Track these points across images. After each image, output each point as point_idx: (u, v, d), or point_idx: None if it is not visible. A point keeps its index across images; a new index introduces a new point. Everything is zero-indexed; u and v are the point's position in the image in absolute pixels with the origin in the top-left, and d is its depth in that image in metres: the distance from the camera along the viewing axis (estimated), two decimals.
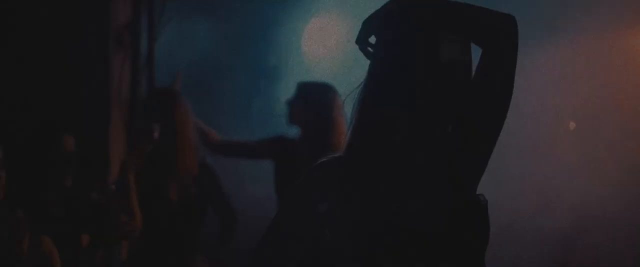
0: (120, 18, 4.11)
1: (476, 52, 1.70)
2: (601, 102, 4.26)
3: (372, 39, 1.73)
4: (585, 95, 4.25)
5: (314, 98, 3.75)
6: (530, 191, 4.24)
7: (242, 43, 4.74)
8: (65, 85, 3.92)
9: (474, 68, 1.69)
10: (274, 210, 3.83)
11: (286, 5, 4.65)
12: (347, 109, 1.77)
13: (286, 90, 4.54)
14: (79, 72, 3.96)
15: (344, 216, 1.65)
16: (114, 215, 3.03)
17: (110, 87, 4.01)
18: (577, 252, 4.32)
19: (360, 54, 1.74)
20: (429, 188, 1.62)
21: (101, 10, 4.01)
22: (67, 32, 3.95)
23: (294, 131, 3.88)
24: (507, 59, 1.65)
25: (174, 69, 4.23)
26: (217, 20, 4.71)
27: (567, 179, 4.27)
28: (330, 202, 1.68)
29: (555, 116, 4.35)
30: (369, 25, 1.70)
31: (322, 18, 4.73)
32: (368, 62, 1.73)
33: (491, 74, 1.65)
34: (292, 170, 3.78)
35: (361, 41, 1.71)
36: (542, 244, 4.29)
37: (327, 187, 1.69)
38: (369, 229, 1.63)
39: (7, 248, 2.62)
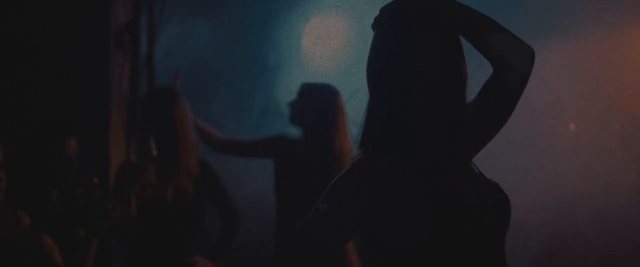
0: (120, 18, 4.10)
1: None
2: (603, 102, 4.26)
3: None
4: (588, 95, 4.25)
5: (315, 100, 3.74)
6: (529, 189, 4.24)
7: (242, 43, 4.74)
8: (65, 85, 3.92)
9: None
10: (270, 208, 3.85)
11: (286, 5, 4.65)
12: (349, 109, 1.77)
13: (286, 90, 4.54)
14: (79, 72, 3.96)
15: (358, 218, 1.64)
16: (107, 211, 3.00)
17: (110, 87, 4.01)
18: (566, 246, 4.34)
19: (360, 54, 1.74)
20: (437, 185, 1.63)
21: (101, 10, 4.01)
22: (67, 32, 3.95)
23: (294, 131, 3.88)
24: (513, 88, 1.70)
25: (174, 69, 4.22)
26: (217, 20, 4.71)
27: (567, 178, 4.27)
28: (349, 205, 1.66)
29: (556, 116, 4.35)
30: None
31: (322, 18, 4.73)
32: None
33: (493, 96, 1.71)
34: (292, 170, 3.78)
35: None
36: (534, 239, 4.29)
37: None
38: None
39: (7, 248, 2.62)
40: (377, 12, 1.73)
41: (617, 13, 4.19)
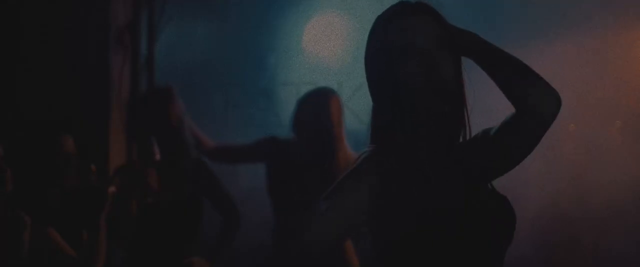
0: (120, 18, 4.10)
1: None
2: (603, 101, 4.26)
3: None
4: (588, 94, 4.25)
5: (311, 103, 3.73)
6: (529, 189, 4.23)
7: (242, 43, 4.73)
8: (65, 85, 3.92)
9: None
10: (263, 202, 3.83)
11: (287, 4, 4.65)
12: (352, 106, 1.76)
13: (286, 90, 4.53)
14: (79, 72, 3.96)
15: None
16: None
17: (110, 87, 4.01)
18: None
19: (362, 53, 1.74)
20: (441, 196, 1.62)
21: (101, 10, 4.01)
22: (67, 32, 3.95)
23: (285, 132, 3.86)
24: (535, 132, 1.65)
25: (174, 69, 4.22)
26: (217, 20, 4.70)
27: (568, 178, 4.27)
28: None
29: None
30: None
31: (323, 17, 4.73)
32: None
33: (513, 136, 1.65)
34: (285, 172, 3.76)
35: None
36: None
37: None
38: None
39: (9, 247, 2.63)
40: (380, 10, 1.72)
41: (617, 13, 4.19)
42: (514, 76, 1.63)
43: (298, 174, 3.69)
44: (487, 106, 1.78)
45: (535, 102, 1.62)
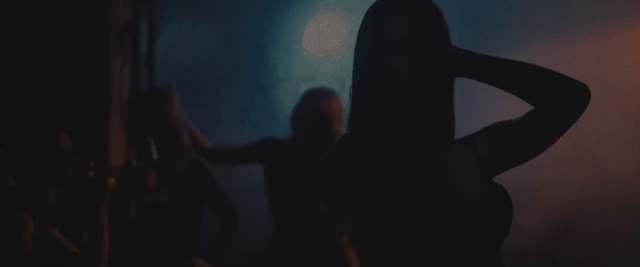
0: (120, 18, 4.10)
1: None
2: (601, 102, 4.25)
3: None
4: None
5: (311, 103, 3.73)
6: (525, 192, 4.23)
7: (242, 43, 4.73)
8: (65, 85, 3.92)
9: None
10: (265, 204, 3.83)
11: (287, 4, 4.65)
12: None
13: (285, 87, 4.53)
14: (79, 72, 3.96)
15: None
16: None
17: (110, 87, 4.01)
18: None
19: None
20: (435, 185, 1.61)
21: (101, 10, 4.01)
22: (67, 32, 3.95)
23: (281, 133, 3.86)
24: (565, 126, 1.69)
25: (174, 69, 4.21)
26: (217, 20, 4.70)
27: (567, 176, 4.26)
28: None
29: None
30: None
31: (323, 16, 4.72)
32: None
33: (540, 131, 1.69)
34: (282, 172, 3.76)
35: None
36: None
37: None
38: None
39: (11, 246, 2.63)
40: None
41: (613, 14, 4.19)
42: (532, 80, 1.66)
43: (297, 175, 3.69)
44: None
45: (567, 99, 1.65)
